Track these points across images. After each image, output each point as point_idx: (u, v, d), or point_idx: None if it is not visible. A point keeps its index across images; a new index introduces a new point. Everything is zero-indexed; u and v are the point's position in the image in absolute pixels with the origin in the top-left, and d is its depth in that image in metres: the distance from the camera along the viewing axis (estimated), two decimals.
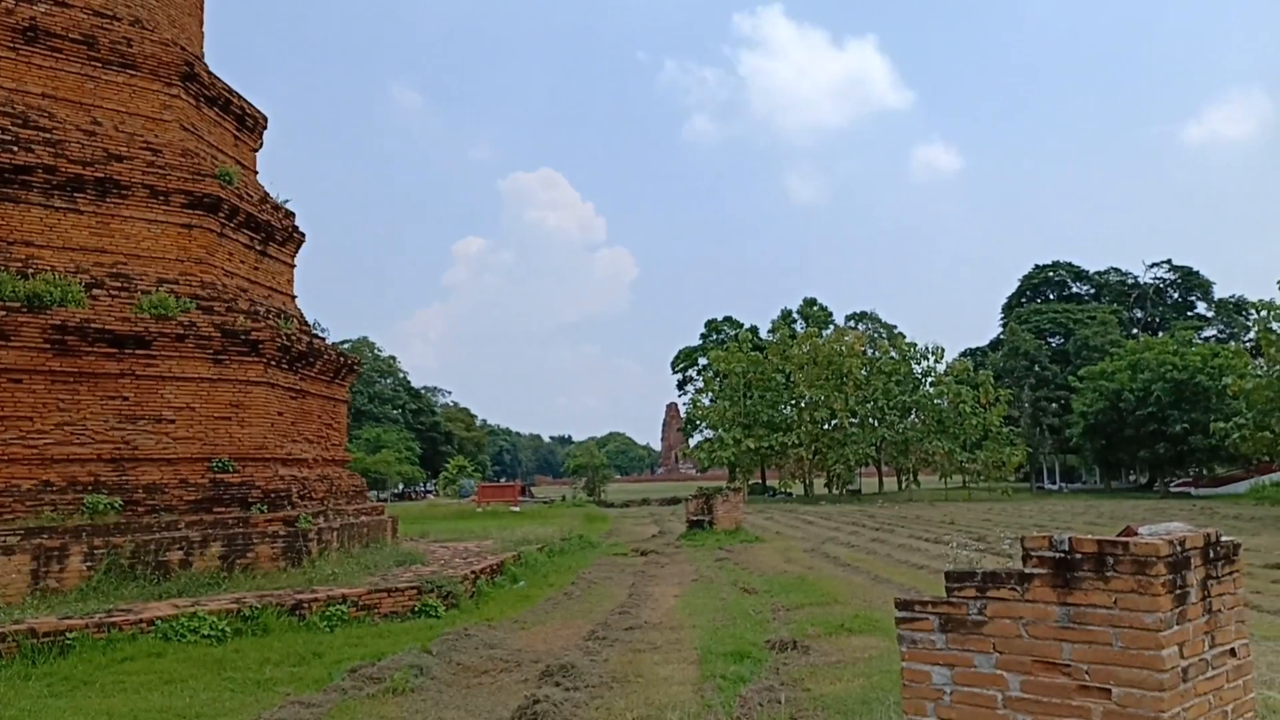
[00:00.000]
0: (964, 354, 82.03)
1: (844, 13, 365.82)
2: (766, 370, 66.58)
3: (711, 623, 12.32)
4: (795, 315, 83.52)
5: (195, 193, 16.18)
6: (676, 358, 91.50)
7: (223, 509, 14.91)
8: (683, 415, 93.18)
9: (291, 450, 16.79)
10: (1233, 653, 4.25)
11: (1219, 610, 4.17)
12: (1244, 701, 4.32)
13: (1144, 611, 3.76)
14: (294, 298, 19.53)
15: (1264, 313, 49.61)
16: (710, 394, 72.52)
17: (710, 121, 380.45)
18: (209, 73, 18.04)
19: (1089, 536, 3.96)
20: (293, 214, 19.37)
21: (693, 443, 77.84)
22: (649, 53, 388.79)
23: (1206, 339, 73.33)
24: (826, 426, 65.66)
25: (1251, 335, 62.68)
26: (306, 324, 19.35)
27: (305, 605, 12.27)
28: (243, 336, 15.52)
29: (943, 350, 69.38)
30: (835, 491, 67.61)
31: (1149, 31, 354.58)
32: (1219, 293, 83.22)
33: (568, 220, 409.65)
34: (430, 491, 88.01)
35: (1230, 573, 4.31)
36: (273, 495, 15.36)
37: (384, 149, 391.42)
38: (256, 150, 19.90)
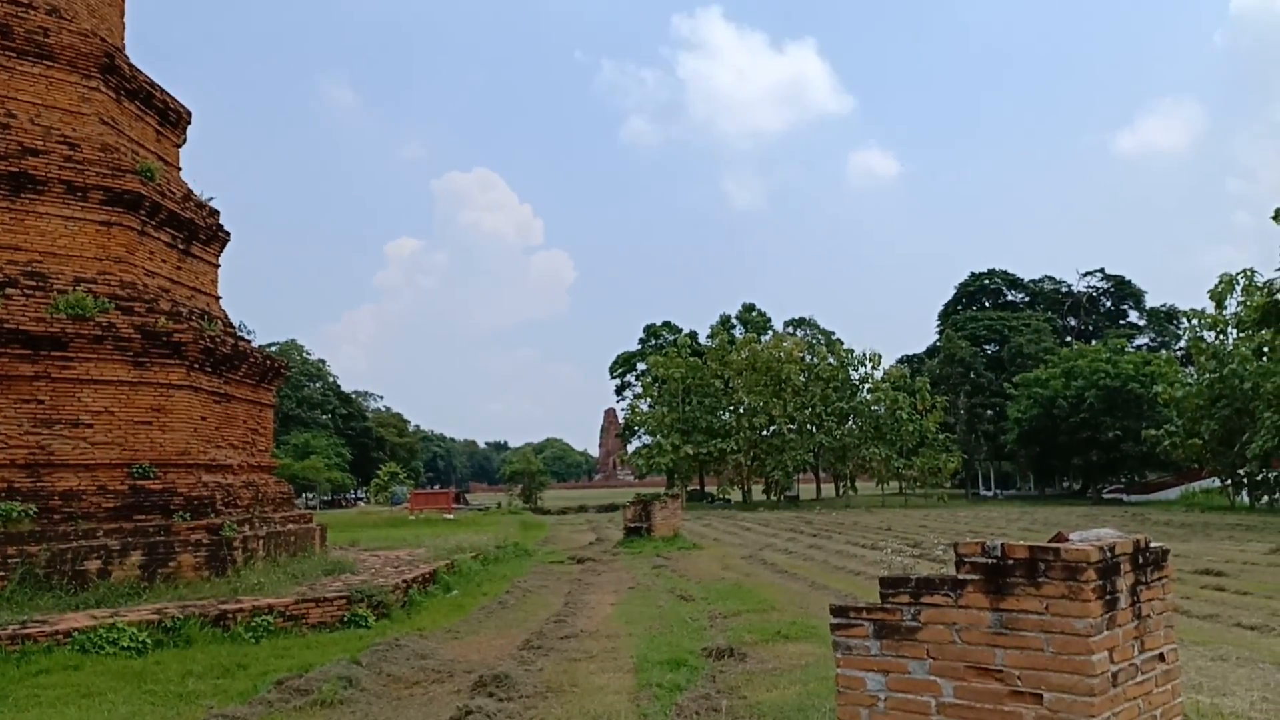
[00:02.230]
0: (901, 360, 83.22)
1: (782, 16, 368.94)
2: (705, 376, 66.86)
3: (648, 631, 12.27)
4: (734, 321, 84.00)
5: (115, 189, 15.67)
6: (615, 363, 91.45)
7: (143, 516, 14.47)
8: (621, 421, 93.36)
9: (215, 456, 16.36)
10: (1162, 658, 4.27)
11: (1148, 616, 4.19)
12: (1172, 706, 4.35)
13: (1074, 617, 3.77)
14: (218, 298, 19.05)
15: (1194, 321, 51.17)
16: (649, 400, 72.57)
17: (649, 123, 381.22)
18: (130, 65, 17.49)
19: (1021, 543, 3.96)
20: (217, 212, 18.88)
21: (631, 449, 77.94)
22: (586, 53, 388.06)
23: (1138, 347, 75.38)
24: (765, 433, 66.10)
25: (1182, 344, 64.69)
26: (231, 326, 18.92)
27: (230, 616, 12.00)
28: (164, 338, 15.08)
29: (880, 357, 70.25)
30: (773, 498, 68.05)
31: (1085, 39, 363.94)
32: (1150, 301, 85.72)
33: (504, 222, 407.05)
34: (361, 499, 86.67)
35: (1159, 578, 4.34)
36: (196, 502, 14.95)
37: (313, 146, 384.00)
38: (180, 146, 19.36)
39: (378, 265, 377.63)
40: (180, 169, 19.30)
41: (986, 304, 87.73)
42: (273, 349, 74.95)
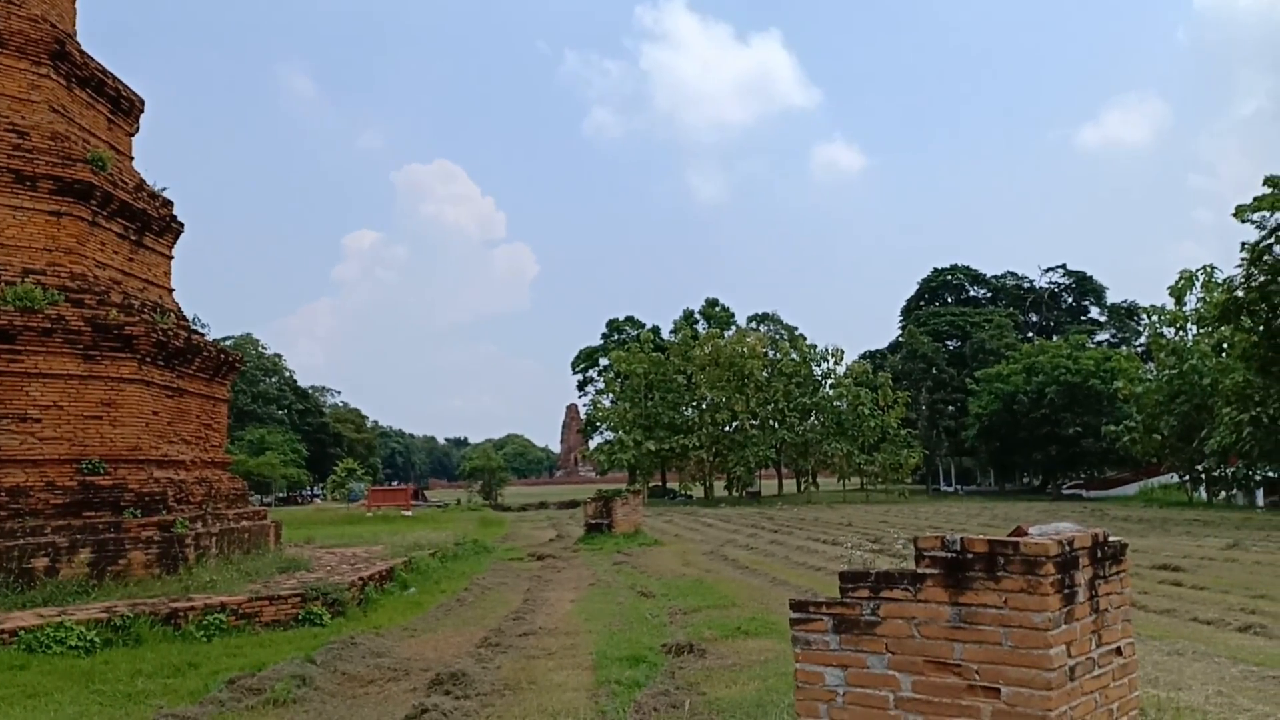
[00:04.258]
0: (863, 356, 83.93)
1: (747, 7, 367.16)
2: (668, 371, 66.98)
3: (608, 627, 12.22)
4: (697, 316, 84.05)
5: (65, 178, 15.35)
6: (577, 358, 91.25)
7: (93, 513, 14.19)
8: (583, 417, 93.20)
9: (167, 451, 16.08)
10: (1119, 651, 4.28)
11: (1106, 610, 4.20)
12: (1129, 700, 4.36)
13: (1033, 611, 3.76)
14: (171, 291, 18.74)
15: (1155, 318, 52.05)
16: (611, 395, 72.63)
17: (613, 115, 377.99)
18: (81, 52, 17.14)
19: (980, 537, 3.94)
20: (170, 203, 18.58)
21: (593, 445, 77.84)
22: (549, 43, 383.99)
23: (1099, 343, 76.52)
24: (727, 428, 66.35)
25: (1143, 340, 65.76)
26: (185, 319, 18.60)
27: (181, 614, 11.79)
28: (115, 331, 14.79)
29: (842, 352, 70.89)
30: (735, 494, 68.35)
31: (1051, 34, 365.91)
32: (1111, 298, 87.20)
33: (466, 214, 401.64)
34: (317, 495, 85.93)
35: (1117, 572, 4.35)
36: (147, 499, 14.69)
37: (269, 136, 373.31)
38: (132, 135, 19.00)
39: (336, 258, 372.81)
40: (133, 158, 18.95)
41: (949, 300, 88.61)
42: (228, 343, 73.75)
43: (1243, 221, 33.84)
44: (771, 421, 67.21)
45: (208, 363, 17.73)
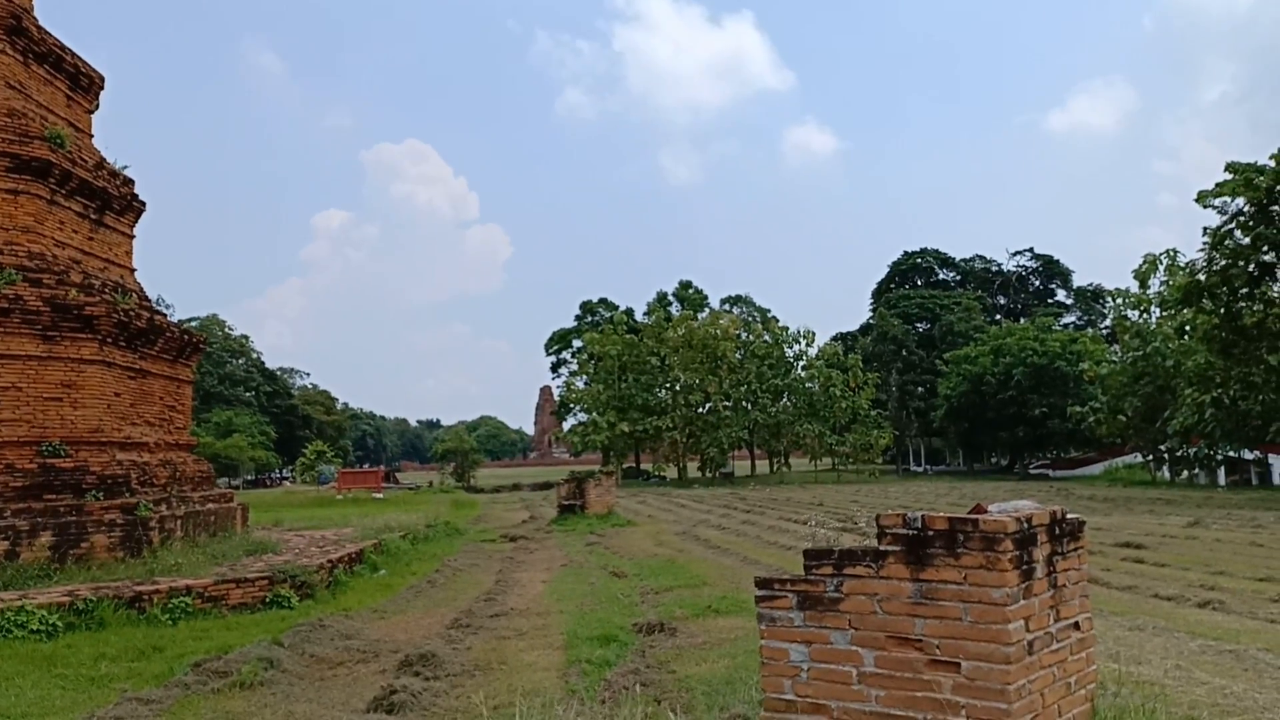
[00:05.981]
0: (834, 338, 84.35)
1: None
2: (641, 353, 66.99)
3: (579, 608, 12.22)
4: (671, 298, 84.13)
5: (22, 156, 15.03)
6: (551, 339, 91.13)
7: (54, 496, 13.97)
8: (556, 398, 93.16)
9: (130, 434, 15.87)
10: (1076, 626, 4.33)
11: (1064, 585, 4.24)
12: (1087, 673, 4.42)
13: (992, 587, 3.79)
14: (133, 271, 18.44)
15: (1119, 301, 52.78)
16: (585, 377, 72.61)
17: (586, 96, 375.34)
18: (39, 27, 16.74)
19: (940, 514, 3.96)
20: (132, 181, 18.25)
21: (566, 426, 77.84)
22: (519, 22, 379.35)
23: (1065, 326, 77.38)
24: (700, 410, 66.57)
25: (1108, 322, 66.59)
26: (147, 299, 18.32)
27: (145, 597, 11.65)
28: (75, 311, 14.54)
29: (814, 334, 71.26)
30: (708, 474, 68.61)
31: (1021, 19, 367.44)
32: (1078, 281, 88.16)
33: (438, 195, 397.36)
34: (286, 478, 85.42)
35: (1075, 549, 4.39)
36: (109, 481, 14.48)
37: (235, 113, 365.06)
38: (92, 112, 18.63)
39: (305, 238, 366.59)
40: (92, 136, 18.57)
41: (918, 282, 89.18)
42: (193, 324, 72.99)
43: (1205, 207, 34.18)
44: (744, 403, 67.49)
45: (171, 344, 17.50)
